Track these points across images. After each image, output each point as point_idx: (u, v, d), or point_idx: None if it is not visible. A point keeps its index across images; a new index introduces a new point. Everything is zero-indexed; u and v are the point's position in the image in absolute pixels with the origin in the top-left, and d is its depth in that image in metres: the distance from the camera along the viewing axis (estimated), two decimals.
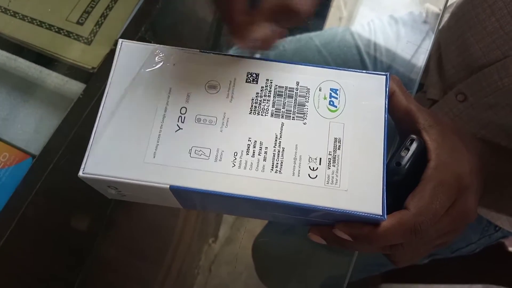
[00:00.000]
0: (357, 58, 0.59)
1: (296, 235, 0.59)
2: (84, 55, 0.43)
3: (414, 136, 0.29)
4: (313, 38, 0.61)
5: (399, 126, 0.31)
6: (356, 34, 0.60)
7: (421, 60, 0.54)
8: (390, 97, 0.29)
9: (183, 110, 0.28)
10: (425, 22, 0.58)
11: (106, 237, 0.42)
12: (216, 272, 0.73)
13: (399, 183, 0.28)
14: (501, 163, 0.34)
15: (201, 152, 0.27)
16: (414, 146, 0.28)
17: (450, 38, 0.50)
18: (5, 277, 0.36)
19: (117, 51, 0.29)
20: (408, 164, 0.28)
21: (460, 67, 0.48)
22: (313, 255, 0.54)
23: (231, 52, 0.64)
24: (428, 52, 0.54)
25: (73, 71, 0.43)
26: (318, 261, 0.54)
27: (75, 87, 0.42)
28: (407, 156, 0.28)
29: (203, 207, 0.32)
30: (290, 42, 0.62)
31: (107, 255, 0.44)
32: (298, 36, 0.62)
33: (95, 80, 0.42)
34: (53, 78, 0.43)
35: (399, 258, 0.30)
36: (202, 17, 0.60)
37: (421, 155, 0.29)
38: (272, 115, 0.28)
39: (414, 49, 0.57)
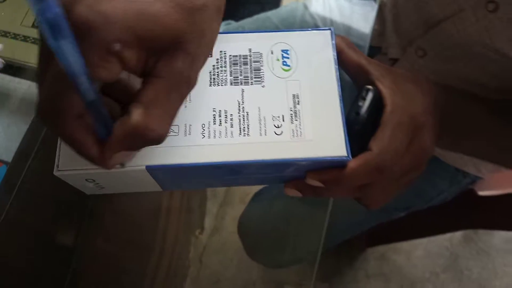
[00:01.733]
0: None
1: (276, 208, 0.60)
2: None
3: (369, 87, 0.31)
4: (271, 16, 0.63)
5: (355, 82, 0.33)
6: (313, 9, 0.63)
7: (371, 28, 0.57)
8: (340, 55, 0.31)
9: None
10: None
11: (91, 231, 0.42)
12: (207, 262, 0.74)
13: (361, 131, 0.30)
14: (453, 102, 0.36)
15: (170, 130, 0.28)
16: (370, 95, 0.30)
17: None
18: None
19: None
20: (366, 113, 0.30)
21: (418, 24, 0.50)
22: (294, 223, 0.56)
23: None
24: (374, 17, 0.57)
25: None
26: (299, 227, 0.56)
27: None
28: (364, 106, 0.30)
29: (182, 186, 0.33)
30: (248, 23, 0.63)
31: (94, 249, 0.44)
32: (255, 17, 0.64)
33: None
34: (16, 84, 0.43)
35: (370, 200, 0.32)
36: None
37: (378, 103, 0.30)
38: (231, 84, 0.29)
39: (366, 19, 0.60)
